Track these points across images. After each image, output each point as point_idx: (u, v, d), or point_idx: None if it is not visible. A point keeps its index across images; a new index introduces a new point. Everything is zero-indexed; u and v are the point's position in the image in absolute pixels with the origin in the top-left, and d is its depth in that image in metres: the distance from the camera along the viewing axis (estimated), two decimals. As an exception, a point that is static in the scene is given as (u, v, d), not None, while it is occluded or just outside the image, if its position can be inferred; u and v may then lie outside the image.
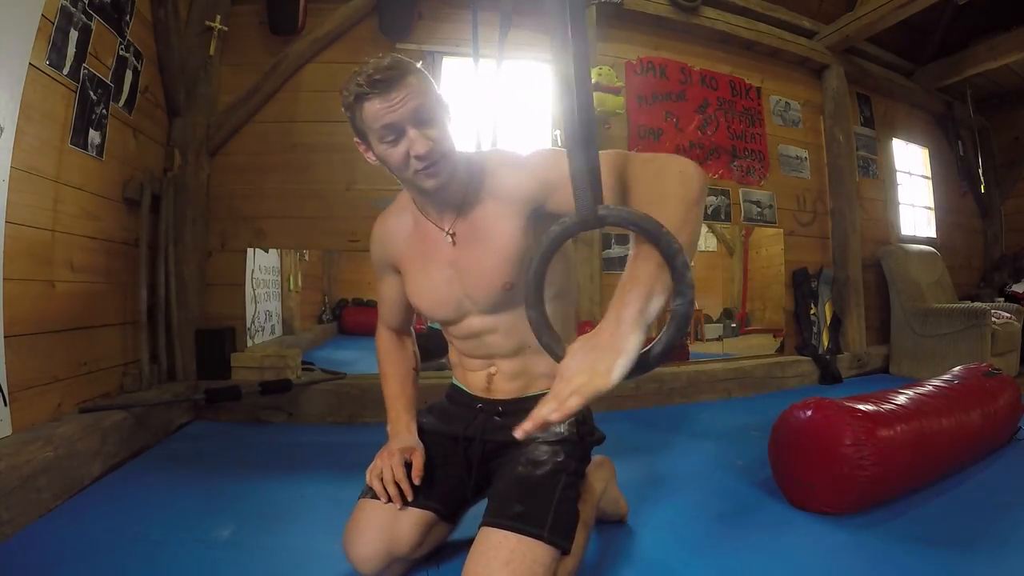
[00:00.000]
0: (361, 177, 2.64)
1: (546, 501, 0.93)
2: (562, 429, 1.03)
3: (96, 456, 1.58)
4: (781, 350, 3.36)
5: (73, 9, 1.71)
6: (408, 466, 1.03)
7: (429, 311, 1.10)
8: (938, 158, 4.51)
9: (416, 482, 1.01)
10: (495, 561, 0.85)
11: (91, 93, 1.83)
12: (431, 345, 2.20)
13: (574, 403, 0.61)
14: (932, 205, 4.46)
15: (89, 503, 1.42)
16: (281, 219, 2.60)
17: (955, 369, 1.88)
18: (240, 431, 2.15)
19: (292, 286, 2.88)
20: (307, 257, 2.78)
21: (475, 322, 1.06)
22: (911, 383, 1.70)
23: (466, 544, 1.15)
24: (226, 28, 2.49)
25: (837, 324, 3.43)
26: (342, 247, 2.65)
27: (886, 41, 3.77)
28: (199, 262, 2.46)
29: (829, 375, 3.20)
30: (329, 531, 1.18)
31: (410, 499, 1.00)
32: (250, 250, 2.58)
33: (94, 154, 1.89)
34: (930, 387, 1.64)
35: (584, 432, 1.06)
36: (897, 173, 4.18)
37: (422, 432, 1.14)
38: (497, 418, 1.09)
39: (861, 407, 1.37)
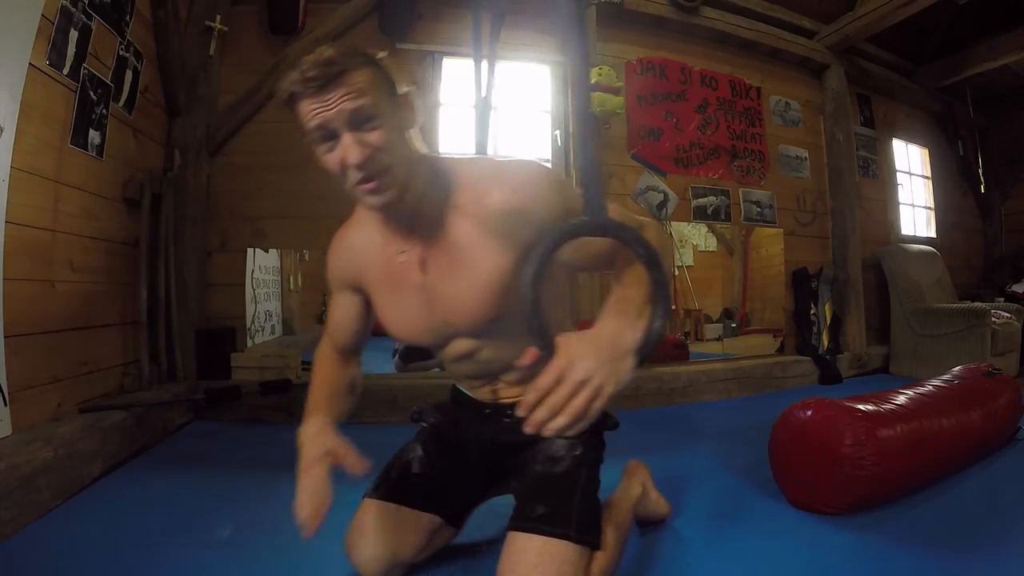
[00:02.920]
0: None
1: (569, 499, 0.90)
2: None
3: (96, 456, 1.58)
4: (781, 350, 3.35)
5: (73, 9, 1.70)
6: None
7: (405, 338, 1.00)
8: (938, 158, 4.50)
9: (360, 470, 0.84)
10: (522, 565, 0.83)
11: (91, 93, 1.83)
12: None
13: (599, 406, 0.64)
14: (932, 205, 4.45)
15: (89, 503, 1.42)
16: (281, 219, 2.59)
17: (955, 369, 1.88)
18: (240, 431, 2.15)
19: (292, 286, 2.88)
20: (307, 257, 2.78)
21: (461, 345, 0.96)
22: (911, 383, 1.69)
23: (467, 544, 1.16)
24: (226, 28, 2.49)
25: (837, 324, 3.43)
26: (342, 247, 2.65)
27: (886, 41, 3.77)
28: (199, 262, 2.46)
29: (829, 375, 3.19)
30: (329, 531, 1.18)
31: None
32: (250, 250, 2.58)
33: (94, 154, 1.89)
34: (930, 387, 1.64)
35: (597, 421, 1.01)
36: (897, 173, 4.17)
37: (431, 437, 1.09)
38: (507, 419, 1.03)
39: (861, 407, 1.37)
